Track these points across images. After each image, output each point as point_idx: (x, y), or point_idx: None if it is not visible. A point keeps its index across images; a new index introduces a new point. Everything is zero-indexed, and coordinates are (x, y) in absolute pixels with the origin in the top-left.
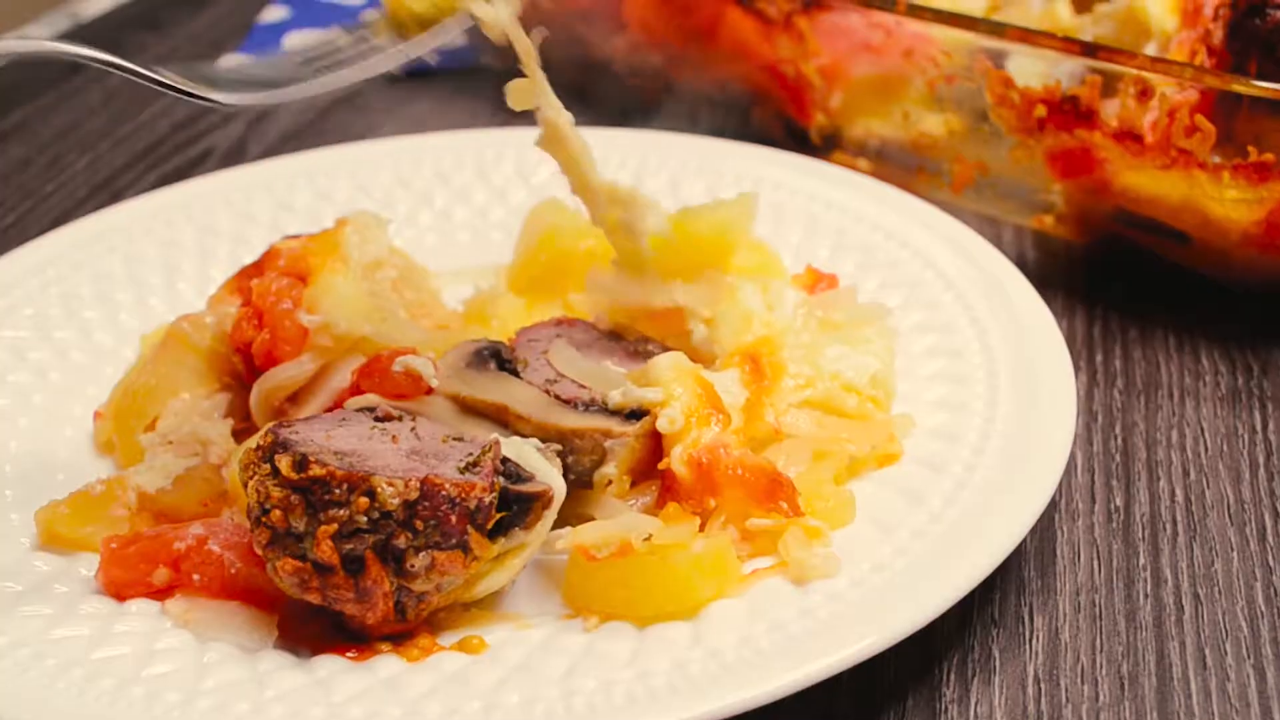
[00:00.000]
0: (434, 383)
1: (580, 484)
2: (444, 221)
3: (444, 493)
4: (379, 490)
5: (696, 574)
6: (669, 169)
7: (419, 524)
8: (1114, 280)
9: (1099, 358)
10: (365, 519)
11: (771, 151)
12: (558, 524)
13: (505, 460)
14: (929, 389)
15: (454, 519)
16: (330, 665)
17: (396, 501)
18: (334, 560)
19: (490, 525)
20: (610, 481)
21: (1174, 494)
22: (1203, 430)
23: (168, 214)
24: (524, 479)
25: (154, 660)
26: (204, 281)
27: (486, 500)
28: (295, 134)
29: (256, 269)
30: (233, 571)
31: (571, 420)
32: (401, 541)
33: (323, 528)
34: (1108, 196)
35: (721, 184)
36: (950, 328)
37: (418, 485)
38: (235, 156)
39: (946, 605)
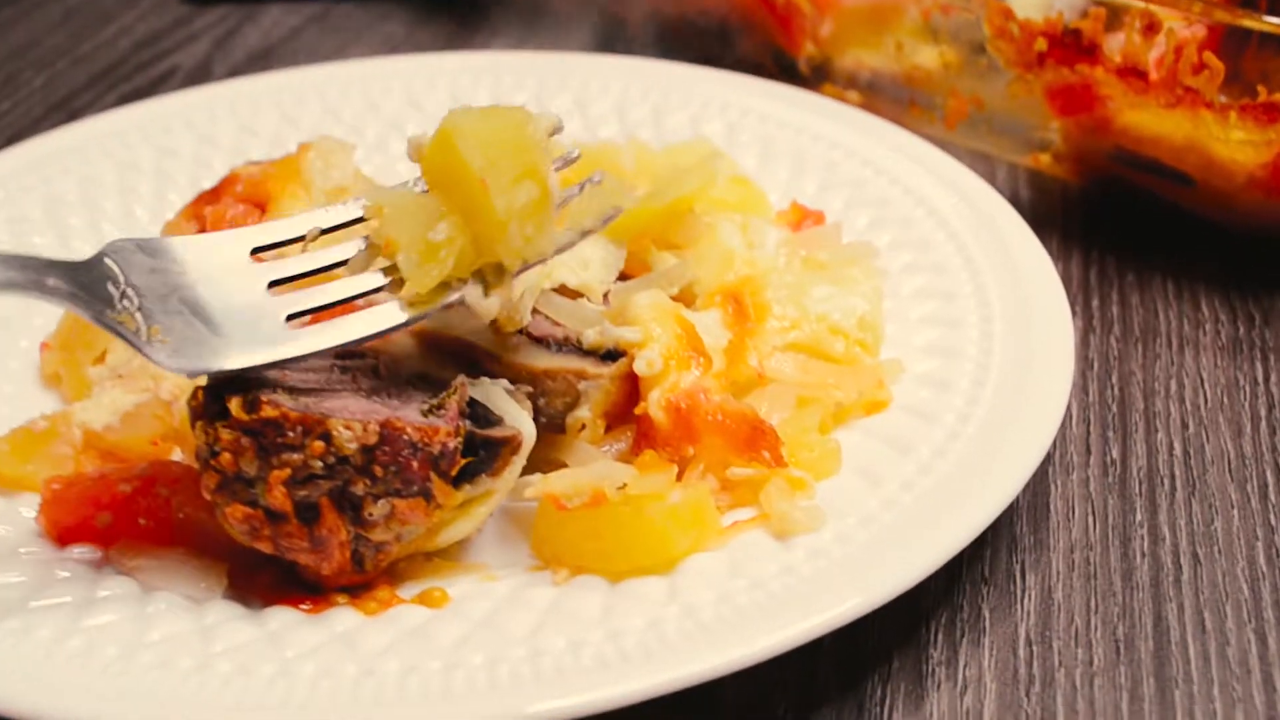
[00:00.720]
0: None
1: (552, 427)
2: None
3: (405, 437)
4: (335, 433)
5: (673, 526)
6: (651, 99)
7: (378, 470)
8: (1111, 223)
9: (1095, 303)
10: (320, 464)
11: (758, 82)
12: (527, 470)
13: (472, 402)
14: (919, 333)
15: (416, 465)
16: (282, 617)
17: (354, 446)
18: (287, 507)
19: (455, 472)
20: (584, 426)
21: (1172, 447)
22: (1202, 381)
23: (125, 135)
24: (492, 422)
25: (94, 609)
26: (162, 206)
27: (451, 445)
28: (263, 54)
29: (213, 195)
30: (180, 517)
31: (544, 360)
32: (359, 488)
33: (275, 473)
34: (1108, 135)
35: (706, 115)
36: (942, 269)
37: (377, 429)
38: (200, 76)
39: (936, 565)
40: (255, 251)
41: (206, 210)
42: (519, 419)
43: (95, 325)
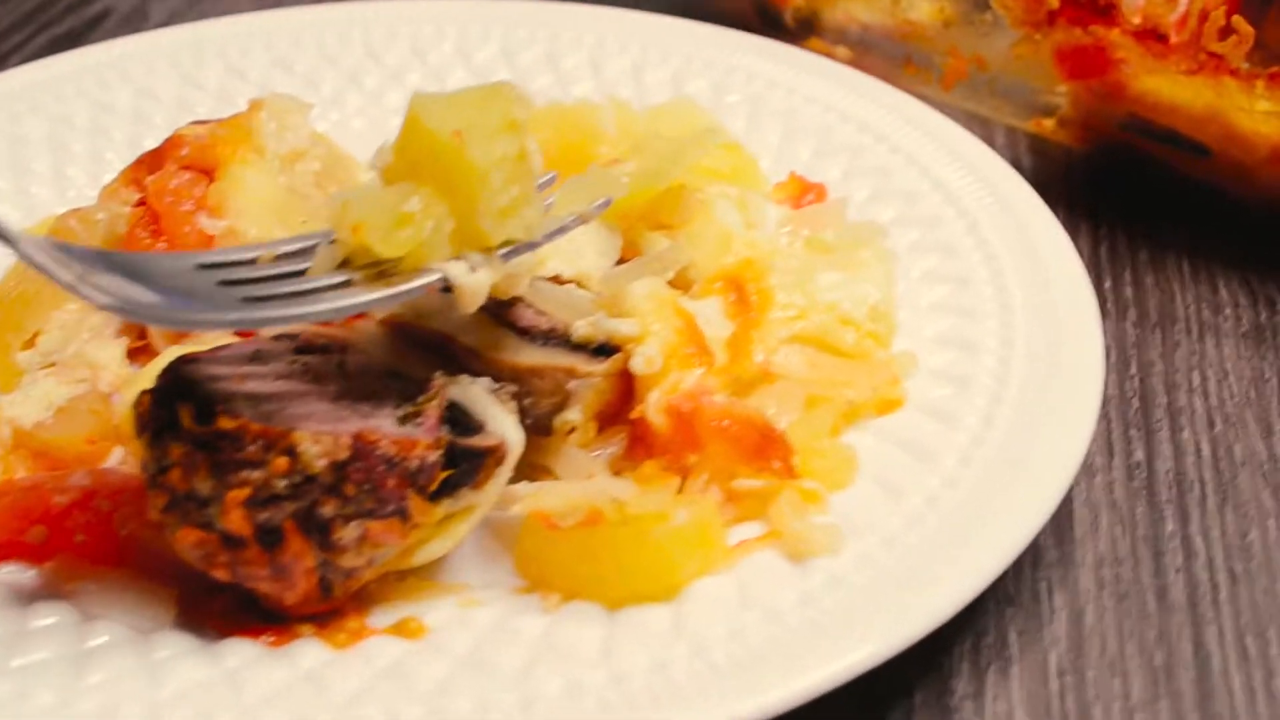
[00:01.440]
0: None
1: (538, 430)
2: (375, 105)
3: (380, 451)
4: (302, 449)
5: (678, 550)
6: (630, 53)
7: (349, 489)
8: (1120, 195)
9: (1107, 284)
10: (285, 483)
11: (743, 36)
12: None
13: (452, 405)
14: (931, 321)
15: (391, 482)
16: (241, 652)
17: (323, 463)
18: (246, 531)
19: (433, 487)
20: (574, 429)
21: (1199, 447)
22: (1226, 373)
23: (57, 87)
24: (473, 429)
25: (28, 644)
26: (98, 167)
27: (431, 459)
28: None
29: (155, 159)
30: (124, 534)
31: (529, 356)
32: (328, 509)
33: (232, 492)
34: (1121, 102)
35: (689, 71)
36: (952, 249)
37: (349, 442)
38: (135, 19)
39: (971, 595)
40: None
41: (148, 179)
42: (503, 425)
43: (19, 258)
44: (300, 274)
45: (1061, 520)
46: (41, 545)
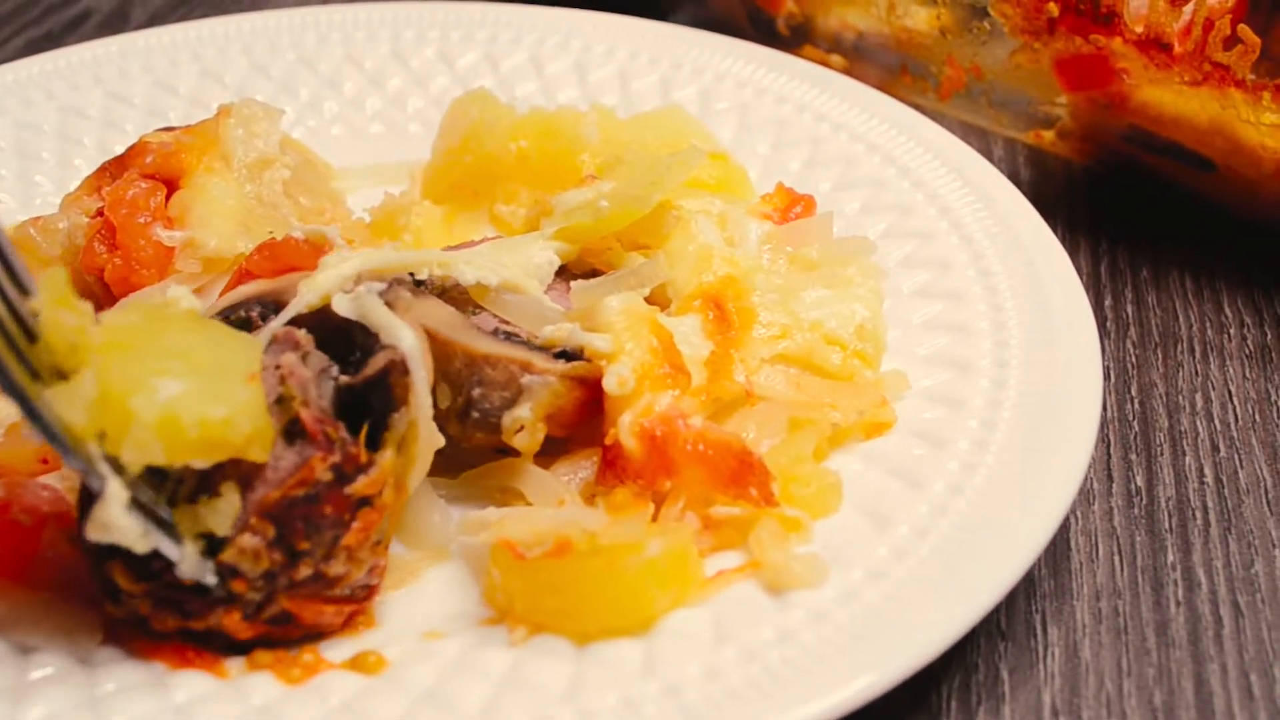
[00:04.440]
0: (345, 251)
1: (485, 426)
2: (353, 111)
3: (291, 504)
4: (242, 565)
5: (651, 582)
6: (618, 59)
7: (304, 545)
8: (1121, 209)
9: (1108, 302)
10: (253, 591)
11: (734, 42)
12: (476, 499)
13: (330, 327)
14: (923, 340)
15: (328, 509)
16: (190, 687)
17: (264, 562)
18: (258, 631)
19: (362, 459)
20: (522, 427)
21: (1202, 473)
22: (1230, 395)
23: (25, 91)
24: (367, 351)
25: None
26: (67, 173)
27: (339, 459)
28: None
29: (119, 166)
30: (50, 556)
31: (485, 344)
32: (306, 569)
33: (221, 618)
34: (1122, 114)
35: (678, 78)
36: (946, 264)
37: (266, 523)
38: (116, 23)
39: (960, 632)
40: None
41: (105, 189)
42: (391, 327)
43: None
44: None
45: (1057, 549)
46: None
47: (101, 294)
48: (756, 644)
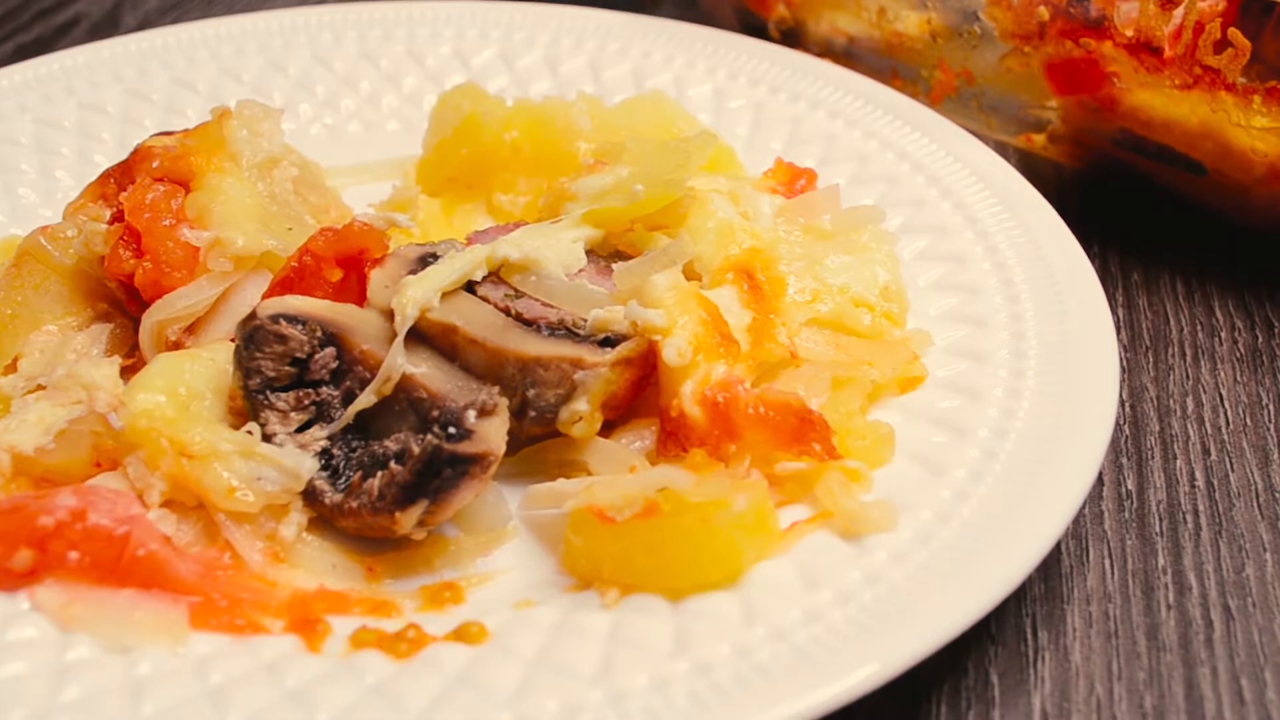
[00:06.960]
0: (412, 229)
1: (542, 422)
2: (329, 112)
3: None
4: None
5: (740, 536)
6: (587, 50)
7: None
8: (1112, 213)
9: None
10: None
11: (705, 30)
12: (540, 476)
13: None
14: (934, 300)
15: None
16: (299, 671)
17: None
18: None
19: None
20: (580, 419)
21: (1193, 477)
22: (1221, 399)
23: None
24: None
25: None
26: (50, 185)
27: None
28: (176, 2)
29: (124, 173)
30: (141, 555)
31: (535, 347)
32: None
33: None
34: (1113, 117)
35: (648, 67)
36: (943, 229)
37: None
38: (107, 28)
39: (1041, 554)
40: None
41: (121, 196)
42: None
43: None
44: None
45: (1048, 554)
46: (29, 570)
47: (126, 299)
48: (847, 586)
